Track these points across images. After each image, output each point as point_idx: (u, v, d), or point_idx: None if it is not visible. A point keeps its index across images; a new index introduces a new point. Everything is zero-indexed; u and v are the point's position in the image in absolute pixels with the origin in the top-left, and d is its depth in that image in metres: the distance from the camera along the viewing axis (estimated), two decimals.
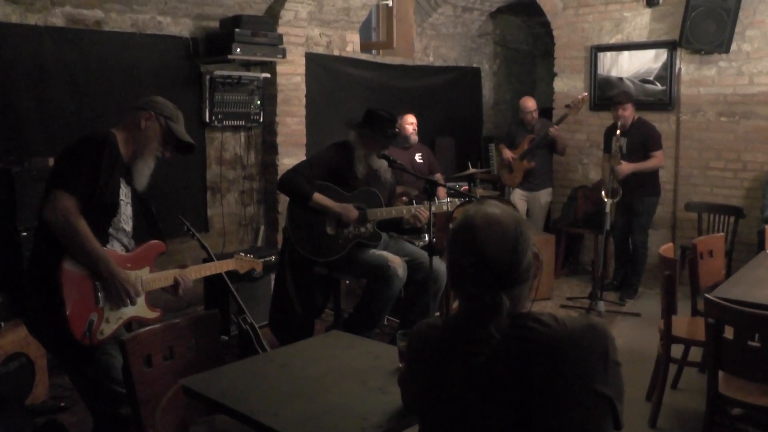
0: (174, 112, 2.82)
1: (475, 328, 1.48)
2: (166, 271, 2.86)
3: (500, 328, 1.45)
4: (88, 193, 2.52)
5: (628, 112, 5.69)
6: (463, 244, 1.51)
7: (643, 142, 5.70)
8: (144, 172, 2.76)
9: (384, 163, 4.09)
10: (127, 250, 2.76)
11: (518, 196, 6.55)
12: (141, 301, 2.73)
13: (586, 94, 6.31)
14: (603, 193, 5.63)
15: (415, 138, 5.83)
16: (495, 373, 1.45)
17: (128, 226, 2.78)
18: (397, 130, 4.30)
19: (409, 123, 5.81)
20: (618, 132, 5.60)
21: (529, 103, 6.48)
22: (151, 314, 2.79)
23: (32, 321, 2.64)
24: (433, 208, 3.84)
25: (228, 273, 3.50)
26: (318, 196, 3.99)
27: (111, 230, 2.68)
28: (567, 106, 6.30)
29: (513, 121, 7.01)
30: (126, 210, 2.75)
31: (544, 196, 6.63)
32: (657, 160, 5.70)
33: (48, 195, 2.50)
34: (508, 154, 6.54)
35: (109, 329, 2.61)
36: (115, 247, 2.70)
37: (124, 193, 2.73)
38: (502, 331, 1.46)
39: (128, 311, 2.70)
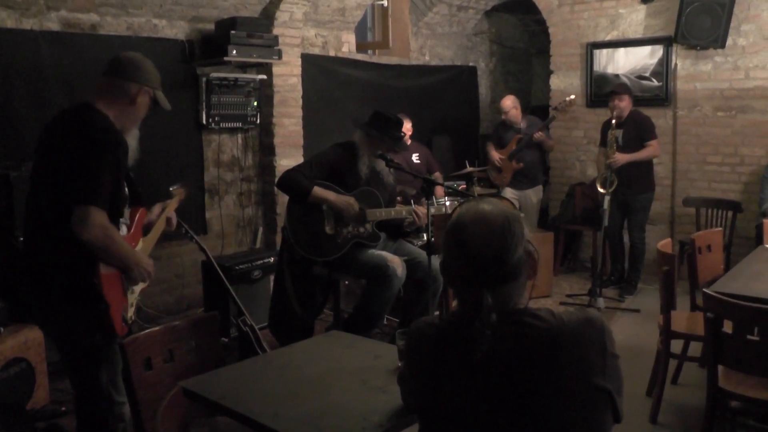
0: (158, 78, 2.70)
1: (468, 325, 1.48)
2: (151, 236, 2.93)
3: (488, 324, 1.45)
4: (111, 198, 2.48)
5: (625, 103, 5.69)
6: (453, 242, 1.52)
7: (639, 132, 5.70)
8: (133, 145, 2.67)
9: (384, 164, 4.10)
10: (126, 224, 2.75)
11: (509, 195, 6.53)
12: None
13: (573, 96, 6.29)
14: (598, 184, 5.62)
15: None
16: (493, 370, 1.45)
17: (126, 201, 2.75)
18: (404, 133, 4.30)
19: None
20: (614, 122, 5.60)
21: (506, 103, 6.48)
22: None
23: (64, 329, 2.57)
24: (432, 210, 3.84)
25: (221, 266, 3.51)
26: (318, 190, 3.99)
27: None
28: (554, 108, 6.31)
29: (501, 120, 7.01)
30: None
31: (535, 194, 6.64)
32: (652, 149, 5.70)
33: (76, 211, 2.38)
34: (495, 155, 6.55)
35: (131, 311, 2.71)
36: (122, 230, 2.67)
37: None
38: (492, 327, 1.45)
39: (137, 288, 2.77)
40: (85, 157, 2.43)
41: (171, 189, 3.37)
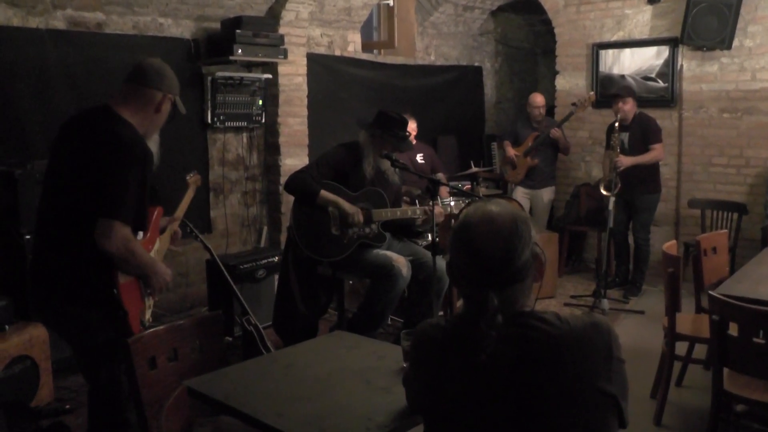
0: (178, 84, 2.73)
1: (473, 327, 1.47)
2: (165, 235, 2.99)
3: (493, 326, 1.45)
4: (135, 210, 2.49)
5: (629, 106, 5.67)
6: (459, 243, 1.52)
7: (645, 136, 5.68)
8: (155, 150, 2.69)
9: (390, 163, 4.09)
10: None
11: (520, 193, 6.54)
12: None
13: (593, 93, 6.30)
14: (601, 186, 5.61)
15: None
16: (498, 372, 1.44)
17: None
18: (408, 133, 4.30)
19: None
20: (617, 126, 5.58)
21: (538, 99, 6.48)
22: None
23: (77, 329, 2.57)
24: (436, 209, 3.83)
25: (226, 265, 3.51)
26: (325, 193, 3.99)
27: None
28: (573, 104, 6.29)
29: (518, 118, 7.00)
30: None
31: (547, 194, 6.63)
32: (656, 152, 5.68)
33: (101, 223, 2.39)
34: (511, 151, 6.55)
35: (149, 313, 2.75)
36: (139, 234, 2.68)
37: None
38: (497, 329, 1.45)
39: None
40: (115, 172, 2.43)
41: (187, 177, 3.39)
